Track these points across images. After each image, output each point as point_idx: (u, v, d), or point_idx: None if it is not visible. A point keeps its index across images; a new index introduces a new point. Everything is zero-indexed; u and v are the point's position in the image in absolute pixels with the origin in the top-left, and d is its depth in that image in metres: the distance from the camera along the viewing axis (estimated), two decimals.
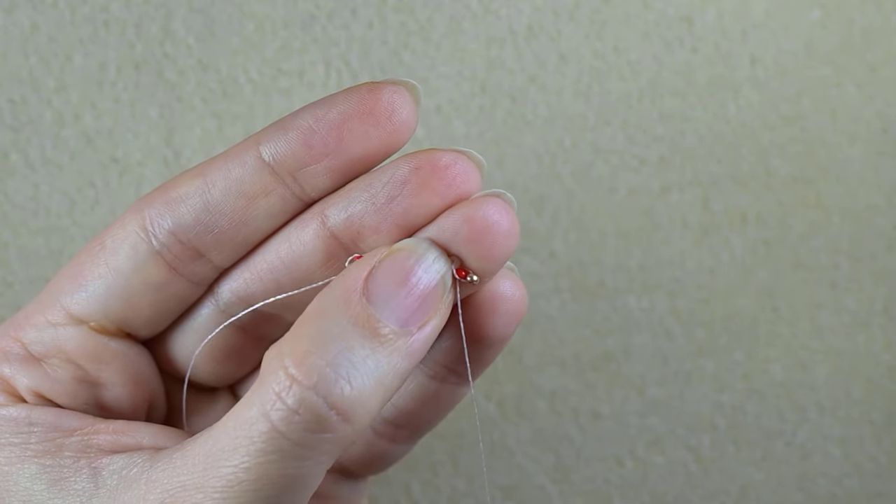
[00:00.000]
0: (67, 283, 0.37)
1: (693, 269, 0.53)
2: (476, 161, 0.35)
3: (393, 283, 0.33)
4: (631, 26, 0.52)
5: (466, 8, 0.52)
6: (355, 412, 0.31)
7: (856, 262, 0.53)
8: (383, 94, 0.34)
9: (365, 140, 0.35)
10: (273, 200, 0.36)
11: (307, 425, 0.31)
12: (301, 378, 0.31)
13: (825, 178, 0.53)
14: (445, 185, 0.34)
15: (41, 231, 0.51)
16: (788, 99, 0.52)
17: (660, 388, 0.53)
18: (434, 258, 0.33)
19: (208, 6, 0.51)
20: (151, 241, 0.36)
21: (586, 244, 0.52)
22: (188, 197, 0.36)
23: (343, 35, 0.51)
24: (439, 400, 0.39)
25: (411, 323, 0.33)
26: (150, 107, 0.51)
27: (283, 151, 0.35)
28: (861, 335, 0.53)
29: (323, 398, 0.31)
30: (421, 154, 0.34)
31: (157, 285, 0.36)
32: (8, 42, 0.51)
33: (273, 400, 0.31)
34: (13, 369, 0.36)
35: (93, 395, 0.37)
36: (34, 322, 0.37)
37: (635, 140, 0.52)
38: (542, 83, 0.52)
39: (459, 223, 0.34)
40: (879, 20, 0.52)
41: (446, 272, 0.34)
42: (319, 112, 0.35)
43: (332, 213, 0.35)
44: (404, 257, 0.33)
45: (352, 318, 0.32)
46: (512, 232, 0.34)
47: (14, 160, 0.51)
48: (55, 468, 0.34)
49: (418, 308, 0.33)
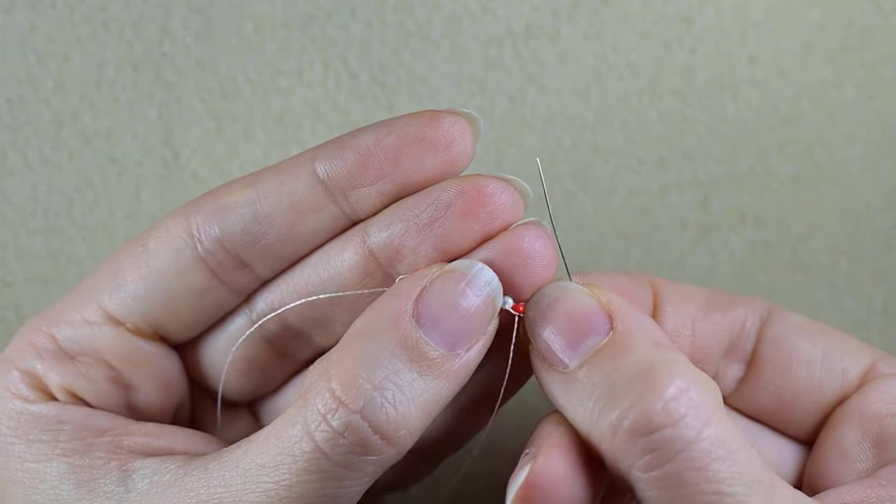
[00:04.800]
0: (107, 281, 0.37)
1: (692, 269, 0.53)
2: (521, 190, 0.35)
3: (444, 305, 0.32)
4: (630, 26, 0.52)
5: (465, 8, 0.52)
6: (399, 436, 0.31)
7: (855, 262, 0.53)
8: (444, 123, 0.34)
9: (421, 167, 0.35)
10: (323, 217, 0.36)
11: (352, 448, 0.31)
12: (348, 401, 0.31)
13: (825, 178, 0.53)
14: (488, 213, 0.34)
15: (40, 231, 0.51)
16: (788, 99, 0.52)
17: None
18: (486, 280, 0.33)
19: (207, 6, 0.51)
20: (197, 246, 0.36)
21: (585, 244, 0.52)
22: (238, 206, 0.36)
23: (342, 35, 0.51)
24: (467, 428, 0.39)
25: (459, 346, 0.32)
26: (148, 107, 0.51)
27: (338, 170, 0.35)
28: (860, 335, 0.53)
29: (368, 422, 0.31)
30: (468, 179, 0.34)
31: (198, 290, 0.36)
32: (6, 42, 0.51)
33: (318, 420, 0.31)
34: (45, 366, 0.36)
35: (124, 397, 0.37)
36: (69, 319, 0.37)
37: (634, 140, 0.52)
38: (541, 83, 0.52)
39: (505, 253, 0.34)
40: (879, 20, 0.52)
41: (497, 294, 0.33)
42: (379, 134, 0.35)
43: (373, 232, 0.35)
44: (457, 278, 0.33)
45: (400, 340, 0.32)
46: (552, 258, 0.34)
47: (12, 160, 0.51)
48: (84, 468, 0.34)
49: (467, 331, 0.33)
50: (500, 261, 0.34)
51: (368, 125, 0.35)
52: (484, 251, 0.34)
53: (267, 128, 0.51)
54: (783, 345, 0.37)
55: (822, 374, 0.37)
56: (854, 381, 0.37)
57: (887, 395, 0.36)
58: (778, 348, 0.37)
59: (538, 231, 0.34)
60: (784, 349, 0.37)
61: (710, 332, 0.38)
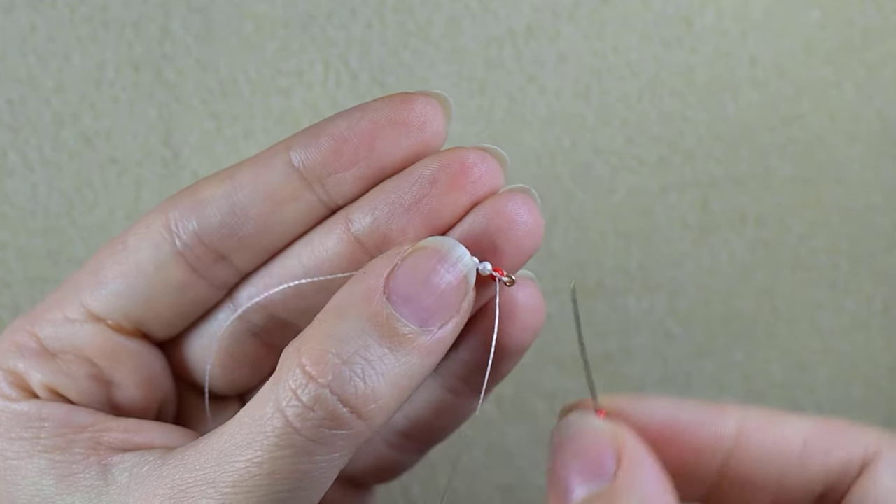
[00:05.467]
0: (87, 279, 0.37)
1: (692, 269, 0.53)
2: (499, 158, 0.35)
3: (415, 282, 0.32)
4: (630, 26, 0.52)
5: (465, 8, 0.52)
6: (369, 409, 0.31)
7: (855, 262, 0.53)
8: (416, 104, 0.35)
9: (396, 149, 0.35)
10: (300, 206, 0.36)
11: (321, 422, 0.31)
12: (317, 376, 0.31)
13: (825, 178, 0.53)
14: (472, 183, 0.34)
15: (39, 231, 0.51)
16: (788, 99, 0.52)
17: (660, 389, 0.53)
18: (459, 256, 0.33)
19: (207, 6, 0.51)
20: (175, 241, 0.36)
21: (585, 244, 0.52)
22: (215, 199, 0.36)
23: (342, 35, 0.51)
24: (453, 412, 0.39)
25: (432, 322, 0.32)
26: (148, 107, 0.51)
27: (313, 157, 0.35)
28: (860, 335, 0.53)
29: (337, 396, 0.31)
30: (447, 153, 0.34)
31: (177, 286, 0.36)
32: (6, 42, 0.51)
33: (289, 396, 0.31)
34: (27, 364, 0.36)
35: (105, 394, 0.37)
36: (51, 317, 0.37)
37: (634, 140, 0.52)
38: (541, 83, 0.52)
39: (488, 217, 0.34)
40: (879, 20, 0.52)
41: (470, 270, 0.33)
42: (352, 119, 0.35)
43: (357, 218, 0.35)
44: (428, 255, 0.33)
45: (371, 317, 0.32)
46: (538, 224, 0.34)
47: (12, 160, 0.51)
48: (64, 464, 0.34)
49: (439, 307, 0.32)
50: (484, 223, 0.34)
51: (341, 111, 0.35)
52: (470, 216, 0.34)
53: (267, 128, 0.51)
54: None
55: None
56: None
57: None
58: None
59: (525, 197, 0.34)
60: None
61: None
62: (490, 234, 0.34)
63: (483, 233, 0.34)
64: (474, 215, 0.34)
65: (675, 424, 0.34)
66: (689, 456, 0.34)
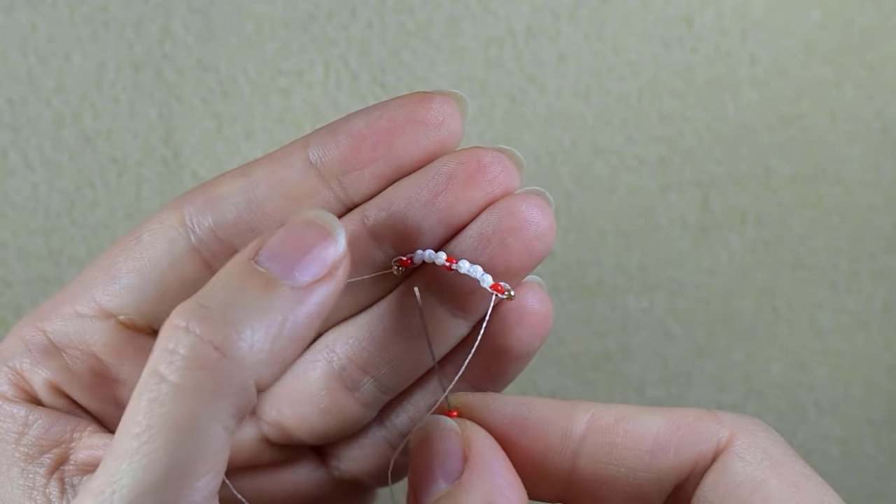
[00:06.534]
0: (100, 274, 0.36)
1: (692, 269, 0.53)
2: (516, 160, 0.35)
3: (280, 242, 0.32)
4: (630, 26, 0.52)
5: (465, 8, 0.52)
6: (232, 344, 0.30)
7: (855, 262, 0.53)
8: (434, 103, 0.35)
9: (414, 147, 0.35)
10: (317, 203, 0.36)
11: (185, 362, 0.30)
12: (177, 321, 0.30)
13: (825, 178, 0.53)
14: (489, 181, 0.34)
15: (40, 231, 0.51)
16: (788, 99, 0.52)
17: (659, 388, 0.53)
18: (326, 220, 0.32)
19: (207, 6, 0.51)
20: (190, 236, 0.36)
21: (585, 244, 0.52)
22: (231, 195, 0.36)
23: (342, 35, 0.51)
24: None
25: (299, 276, 0.31)
26: (149, 107, 0.51)
27: (331, 155, 0.35)
28: (860, 335, 0.53)
29: (195, 332, 0.30)
30: (465, 151, 0.35)
31: (192, 281, 0.36)
32: (7, 42, 0.51)
33: (158, 350, 0.30)
34: (32, 360, 0.36)
35: (110, 392, 0.37)
36: (61, 312, 0.36)
37: (634, 140, 0.52)
38: (542, 83, 0.52)
39: (500, 217, 0.34)
40: (879, 20, 0.52)
41: (339, 233, 0.32)
42: (371, 118, 0.35)
43: (373, 214, 0.35)
44: (295, 222, 0.32)
45: (236, 273, 0.31)
46: (550, 227, 0.34)
47: (13, 160, 0.51)
48: (30, 474, 0.34)
49: (305, 261, 0.31)
50: (497, 222, 0.34)
51: (359, 110, 0.35)
52: (483, 214, 0.35)
53: (267, 128, 0.51)
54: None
55: None
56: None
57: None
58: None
59: (539, 199, 0.35)
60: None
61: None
62: (501, 234, 0.34)
63: (495, 232, 0.34)
64: (487, 214, 0.35)
65: (525, 422, 0.34)
66: (540, 454, 0.34)
